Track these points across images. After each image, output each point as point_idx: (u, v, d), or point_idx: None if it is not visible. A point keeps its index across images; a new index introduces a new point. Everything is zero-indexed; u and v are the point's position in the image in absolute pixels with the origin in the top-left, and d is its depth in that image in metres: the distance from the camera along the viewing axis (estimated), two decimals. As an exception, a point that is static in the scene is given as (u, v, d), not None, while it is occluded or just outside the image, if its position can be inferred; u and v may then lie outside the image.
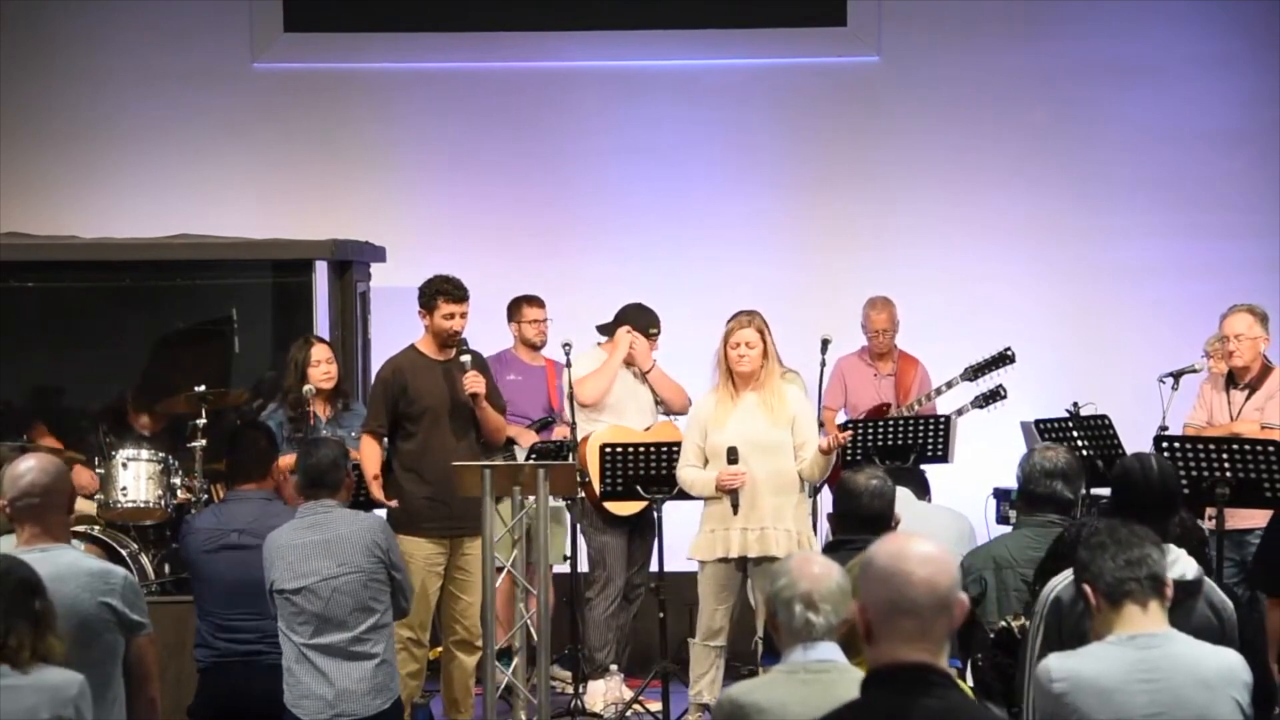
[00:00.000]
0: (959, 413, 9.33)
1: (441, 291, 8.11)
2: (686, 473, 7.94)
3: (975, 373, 9.42)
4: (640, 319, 9.20)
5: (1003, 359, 9.39)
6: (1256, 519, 8.09)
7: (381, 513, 8.14)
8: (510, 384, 9.23)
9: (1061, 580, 5.00)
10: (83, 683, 4.49)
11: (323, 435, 8.00)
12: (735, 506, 7.75)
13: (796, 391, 8.15)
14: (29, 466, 5.18)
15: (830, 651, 4.20)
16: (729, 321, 7.98)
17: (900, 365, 9.93)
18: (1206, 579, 5.09)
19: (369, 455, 8.11)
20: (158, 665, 5.42)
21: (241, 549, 6.95)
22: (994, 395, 9.37)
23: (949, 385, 9.48)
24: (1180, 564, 5.09)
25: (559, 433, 9.23)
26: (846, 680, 4.18)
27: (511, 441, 8.87)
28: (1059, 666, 4.37)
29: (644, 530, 8.94)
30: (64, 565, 5.04)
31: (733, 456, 7.74)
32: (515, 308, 9.69)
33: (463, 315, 8.13)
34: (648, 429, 9.06)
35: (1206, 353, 8.90)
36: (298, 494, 6.92)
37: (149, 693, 5.29)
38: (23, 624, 4.48)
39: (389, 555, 6.74)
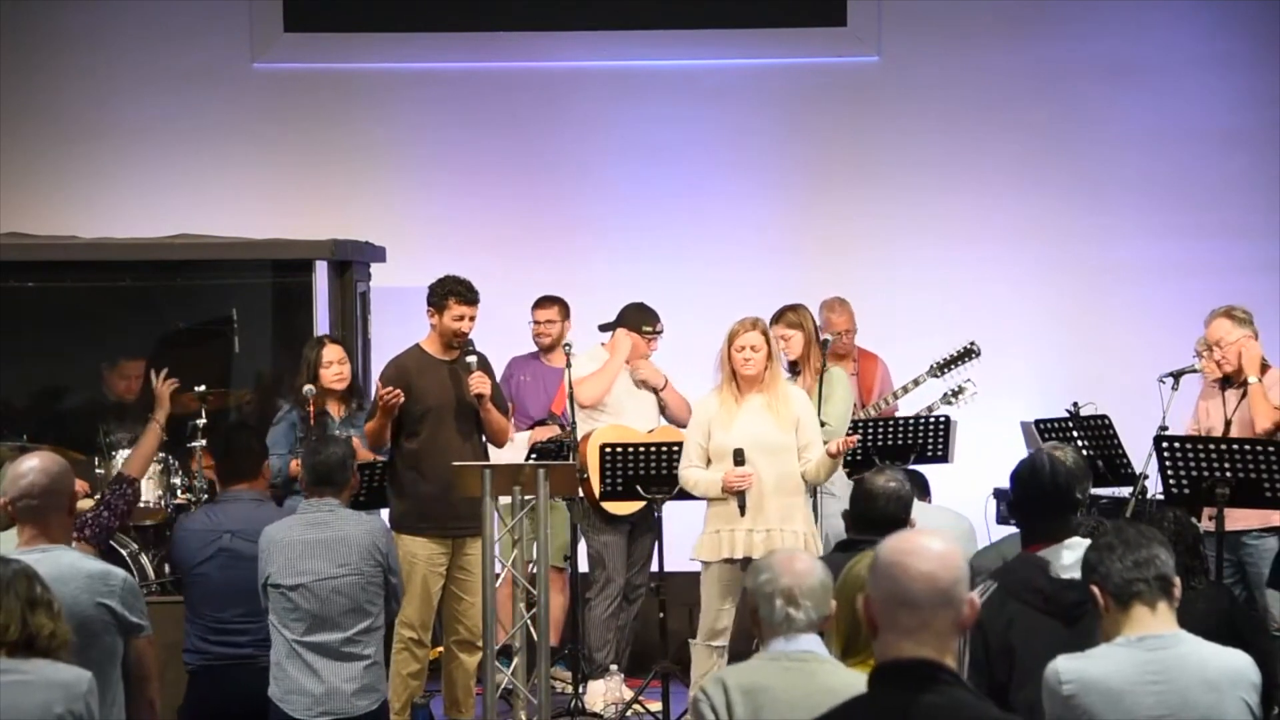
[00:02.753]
0: (928, 410, 9.27)
1: (454, 293, 8.12)
2: (690, 473, 7.89)
3: (941, 369, 9.36)
4: (639, 318, 9.19)
5: (968, 354, 9.33)
6: (1250, 520, 8.10)
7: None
8: None
9: (977, 593, 4.93)
10: (93, 679, 4.49)
11: (333, 434, 7.97)
12: (743, 508, 7.70)
13: (801, 393, 8.12)
14: (30, 467, 5.17)
15: (811, 643, 4.25)
16: (734, 324, 7.94)
17: (861, 364, 9.89)
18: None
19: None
20: (157, 666, 5.41)
21: (234, 551, 6.92)
22: (961, 390, 9.32)
23: (915, 383, 9.39)
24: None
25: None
26: (826, 669, 4.22)
27: None
28: (1067, 668, 4.37)
29: (644, 530, 8.93)
30: (64, 566, 5.03)
31: (739, 458, 7.68)
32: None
33: (472, 318, 8.14)
34: (651, 432, 9.03)
35: (1198, 352, 8.89)
36: (305, 490, 6.91)
37: (148, 694, 5.28)
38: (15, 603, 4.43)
39: (388, 559, 6.74)
